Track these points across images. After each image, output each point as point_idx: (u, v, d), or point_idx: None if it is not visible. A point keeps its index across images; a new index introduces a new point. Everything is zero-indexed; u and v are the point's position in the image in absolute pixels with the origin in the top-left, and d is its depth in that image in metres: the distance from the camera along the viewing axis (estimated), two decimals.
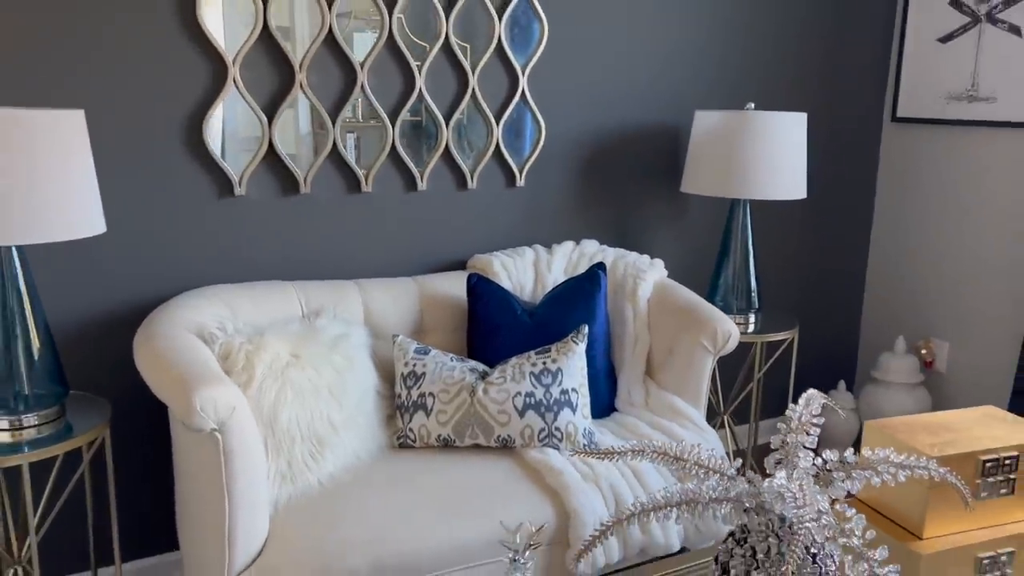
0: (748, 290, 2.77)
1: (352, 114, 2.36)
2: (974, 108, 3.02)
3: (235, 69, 2.17)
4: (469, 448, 2.15)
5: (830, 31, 3.13)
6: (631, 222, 2.88)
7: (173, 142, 2.15)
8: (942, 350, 3.24)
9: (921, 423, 1.53)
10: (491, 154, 2.58)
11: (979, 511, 1.46)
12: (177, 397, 1.67)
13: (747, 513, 1.25)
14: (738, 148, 2.55)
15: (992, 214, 3.03)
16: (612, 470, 2.07)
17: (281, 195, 2.32)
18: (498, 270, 2.49)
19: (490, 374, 2.16)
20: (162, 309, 2.01)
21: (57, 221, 1.69)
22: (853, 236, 3.41)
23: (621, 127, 2.79)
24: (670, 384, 2.40)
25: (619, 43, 2.73)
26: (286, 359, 1.98)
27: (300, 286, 2.25)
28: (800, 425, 1.34)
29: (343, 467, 2.02)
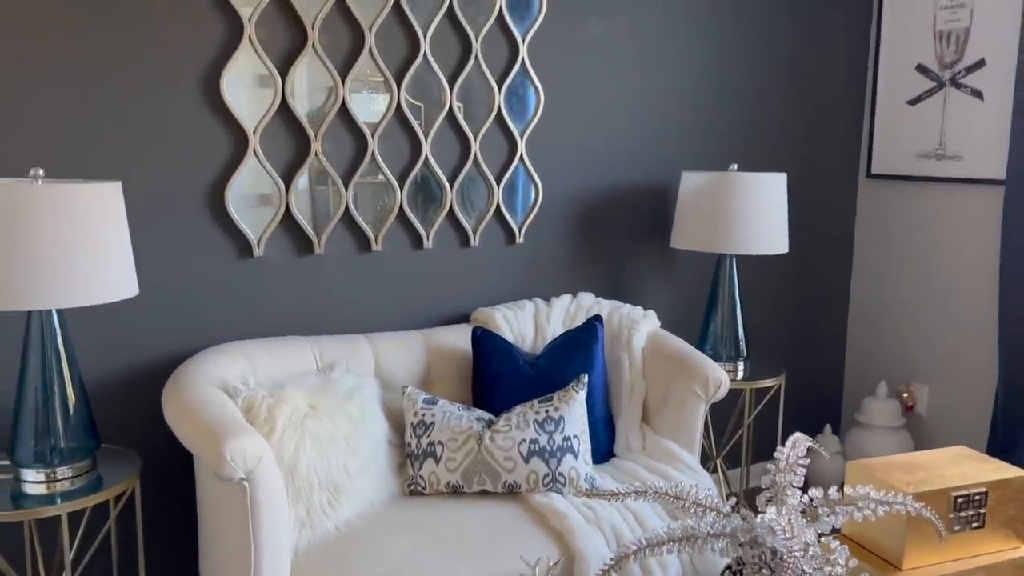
0: (736, 339, 2.92)
1: (363, 178, 2.52)
2: (942, 166, 3.22)
3: (255, 139, 2.33)
4: (477, 494, 2.27)
5: (807, 95, 3.34)
6: (624, 276, 3.04)
7: (197, 208, 2.30)
8: (922, 394, 3.39)
9: (898, 463, 1.66)
10: (492, 213, 2.75)
11: (953, 543, 1.59)
12: (208, 448, 1.79)
13: (742, 547, 1.37)
14: (723, 206, 2.73)
15: (963, 264, 3.21)
16: (613, 513, 2.19)
17: (297, 256, 2.46)
18: (500, 323, 2.63)
19: (496, 422, 2.29)
20: (187, 365, 2.13)
21: (95, 286, 1.81)
22: (834, 286, 3.59)
23: (613, 187, 2.96)
24: (665, 430, 2.53)
25: (610, 109, 2.92)
26: (304, 410, 2.10)
27: (315, 341, 2.38)
28: (788, 466, 1.48)
29: (358, 513, 2.12)
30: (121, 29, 2.14)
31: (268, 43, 2.32)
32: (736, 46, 3.14)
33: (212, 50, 2.26)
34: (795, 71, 3.30)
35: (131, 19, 2.15)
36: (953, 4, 3.14)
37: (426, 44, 2.53)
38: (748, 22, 3.15)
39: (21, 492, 1.89)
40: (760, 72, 3.22)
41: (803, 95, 3.34)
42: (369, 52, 2.45)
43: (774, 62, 3.24)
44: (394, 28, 2.49)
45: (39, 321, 1.90)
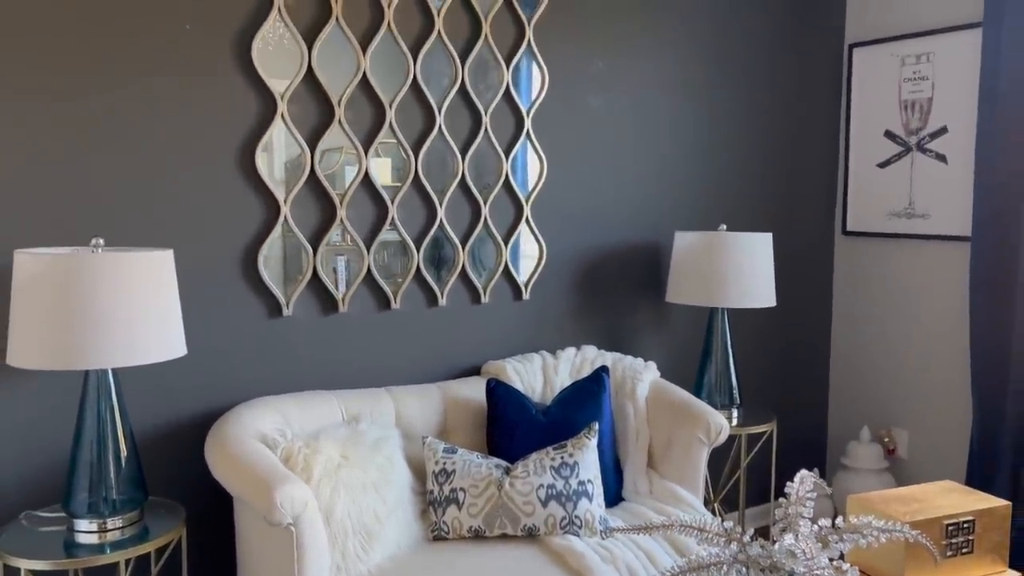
0: (730, 387, 3.11)
1: (383, 238, 2.69)
2: (912, 223, 3.48)
3: (286, 208, 2.50)
4: (498, 537, 2.40)
5: (786, 160, 3.61)
6: (623, 328, 3.23)
7: (232, 272, 2.45)
8: (902, 437, 3.59)
9: (893, 495, 1.84)
10: (500, 272, 2.93)
11: (946, 567, 1.76)
12: (260, 495, 1.91)
13: (764, 572, 1.53)
14: (714, 263, 2.94)
15: (935, 314, 3.45)
16: (627, 552, 2.33)
17: (322, 315, 2.62)
18: (511, 375, 2.79)
19: (513, 469, 2.43)
20: (226, 419, 2.26)
21: (149, 346, 1.95)
22: (816, 337, 3.80)
23: (612, 246, 3.17)
24: (670, 474, 2.69)
25: (608, 175, 3.14)
26: (337, 460, 2.23)
27: (340, 395, 2.52)
28: (798, 499, 1.65)
29: (388, 557, 2.24)
30: (168, 106, 2.32)
31: (299, 118, 2.51)
32: (723, 117, 3.40)
33: (248, 125, 2.44)
34: (775, 139, 3.57)
35: (176, 99, 2.33)
36: (916, 76, 3.44)
37: (441, 118, 2.74)
38: (733, 94, 3.42)
39: (74, 542, 1.99)
40: (744, 140, 3.47)
41: (783, 160, 3.60)
42: (390, 126, 2.65)
43: (757, 131, 3.50)
44: (412, 104, 2.70)
45: (96, 380, 2.03)
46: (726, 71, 3.40)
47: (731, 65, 3.41)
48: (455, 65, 2.76)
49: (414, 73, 2.67)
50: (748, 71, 3.46)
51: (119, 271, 1.90)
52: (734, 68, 3.42)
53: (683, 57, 3.28)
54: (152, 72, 2.29)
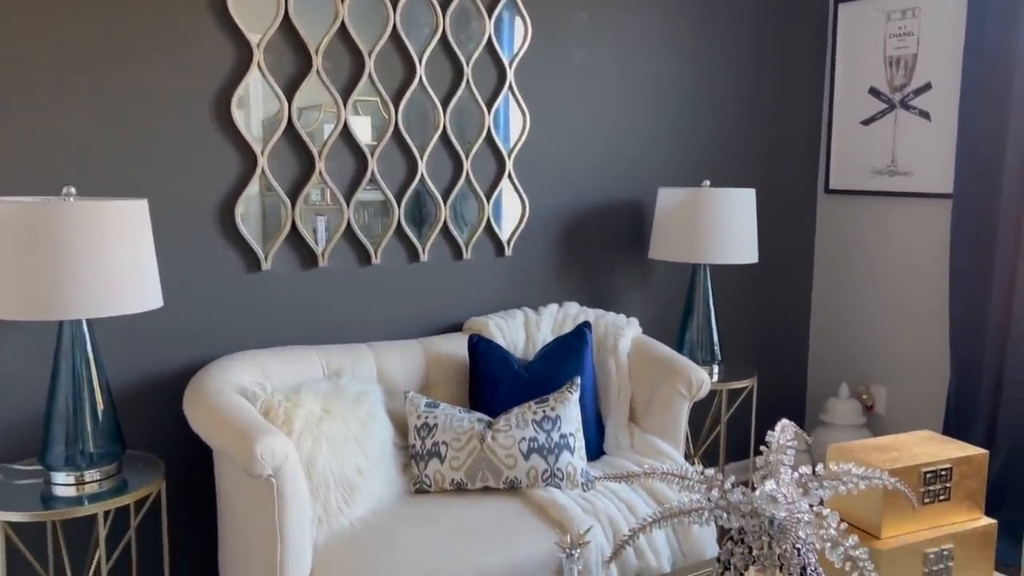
0: (711, 344, 3.11)
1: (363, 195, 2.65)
2: (895, 181, 3.48)
3: (263, 160, 2.45)
4: (480, 490, 2.40)
5: (770, 117, 3.58)
6: (606, 285, 3.22)
7: (210, 225, 2.41)
8: (880, 394, 3.63)
9: (872, 444, 1.85)
10: (483, 228, 2.90)
11: (924, 514, 1.78)
12: (240, 447, 1.90)
13: (744, 517, 1.54)
14: (697, 220, 2.92)
15: (915, 271, 3.47)
16: (609, 505, 2.34)
17: (301, 269, 2.58)
18: (493, 331, 2.78)
19: (496, 423, 2.43)
20: (205, 372, 2.24)
21: (124, 297, 1.92)
22: (797, 294, 3.82)
23: (595, 203, 3.15)
24: (652, 428, 2.70)
25: (592, 130, 3.11)
26: (319, 414, 2.22)
27: (321, 350, 2.50)
28: (779, 447, 1.65)
29: (370, 511, 2.24)
30: (141, 56, 2.25)
31: (275, 67, 2.45)
32: (707, 73, 3.37)
33: (223, 75, 2.38)
34: (760, 95, 3.54)
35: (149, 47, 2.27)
36: (901, 32, 3.42)
37: (421, 69, 2.69)
38: (718, 51, 3.38)
39: (51, 495, 1.97)
40: (729, 96, 3.44)
41: (767, 117, 3.57)
42: (369, 77, 2.59)
43: (741, 87, 3.47)
44: (392, 54, 2.64)
45: (70, 331, 1.99)
46: (711, 26, 3.36)
47: (716, 20, 3.37)
48: (436, 14, 2.70)
49: (394, 22, 2.61)
50: (733, 26, 3.42)
51: (92, 220, 1.86)
52: (719, 23, 3.38)
53: (668, 11, 3.23)
54: (125, 20, 2.23)
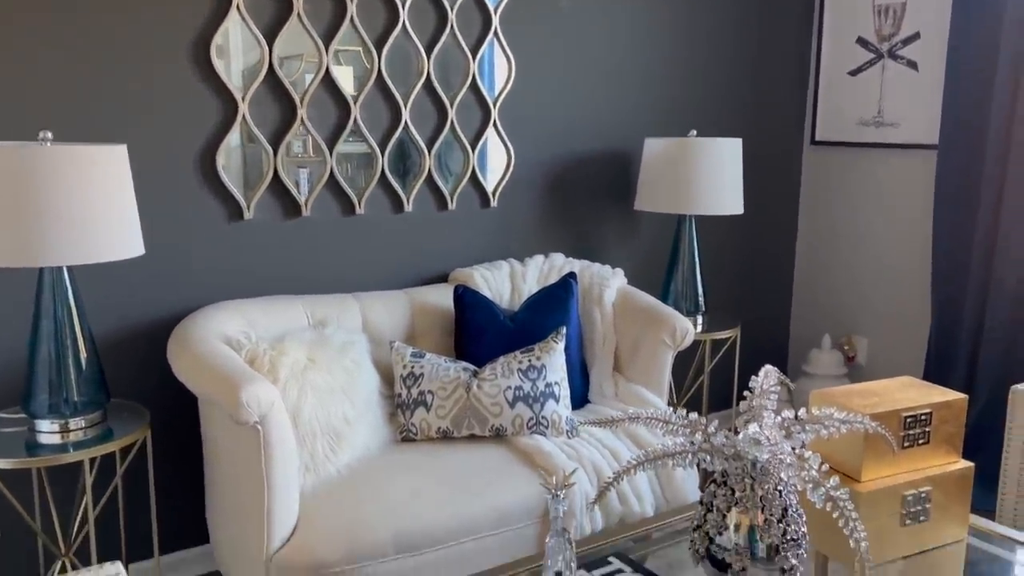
0: (695, 295, 3.13)
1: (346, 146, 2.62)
2: (881, 132, 3.47)
3: (244, 107, 2.41)
4: (466, 438, 2.42)
5: (756, 65, 3.55)
6: (591, 237, 3.22)
7: (190, 172, 2.37)
8: (862, 345, 3.67)
9: (854, 390, 1.87)
10: (468, 178, 2.88)
11: (903, 458, 1.81)
12: (225, 394, 1.89)
13: (728, 460, 1.56)
14: (683, 170, 2.91)
15: (899, 224, 3.48)
16: (593, 451, 2.37)
17: (285, 218, 2.56)
18: (479, 281, 2.77)
19: (481, 372, 2.44)
20: (188, 322, 2.22)
21: (105, 244, 1.89)
22: (781, 246, 3.83)
23: (580, 153, 3.12)
24: (636, 377, 2.72)
25: (578, 79, 3.07)
26: (304, 363, 2.21)
27: (305, 300, 2.48)
28: (762, 392, 1.67)
29: (357, 458, 2.26)
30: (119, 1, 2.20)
31: (255, 11, 2.39)
32: (695, 22, 3.32)
33: (202, 19, 2.32)
34: (747, 45, 3.50)
35: None
36: None
37: (405, 13, 2.64)
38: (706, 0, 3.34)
39: (36, 442, 1.97)
40: (716, 45, 3.40)
41: (755, 67, 3.54)
42: (351, 21, 2.54)
43: (729, 37, 3.43)
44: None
45: (51, 279, 1.97)
46: None
47: None
48: None
49: None
50: None
51: (70, 165, 1.83)
52: None
53: None
54: None
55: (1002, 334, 3.03)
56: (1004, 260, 2.99)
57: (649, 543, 1.87)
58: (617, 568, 1.64)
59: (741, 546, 1.54)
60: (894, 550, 1.79)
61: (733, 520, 1.56)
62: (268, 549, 1.97)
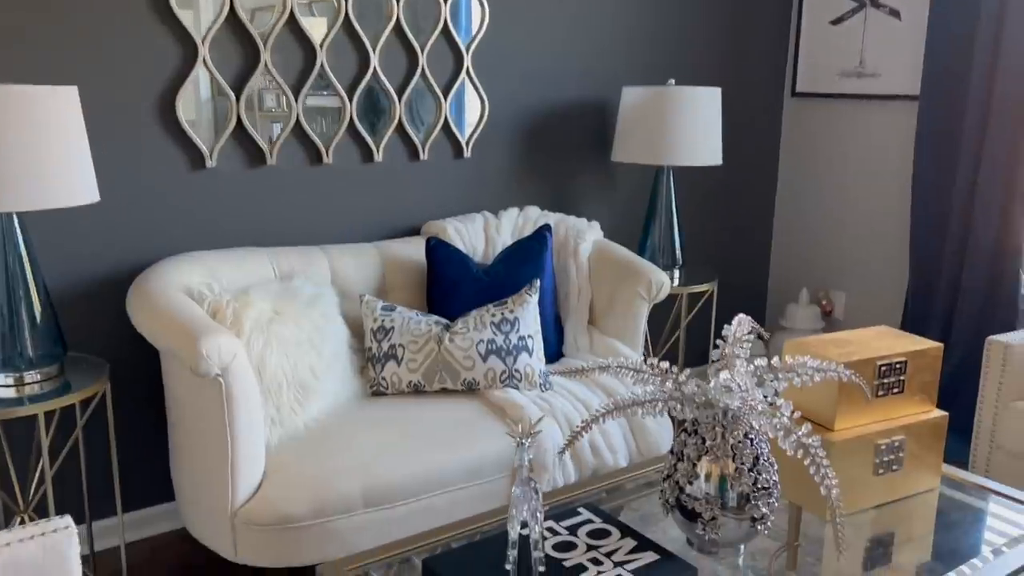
0: (672, 248, 3.08)
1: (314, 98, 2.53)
2: (862, 83, 3.42)
3: (204, 49, 2.31)
4: (438, 392, 2.38)
5: (736, 14, 3.47)
6: (568, 189, 3.15)
7: (149, 118, 2.28)
8: (839, 300, 3.65)
9: (830, 339, 1.84)
10: (440, 127, 2.80)
11: (877, 407, 1.78)
12: (185, 345, 1.84)
13: (699, 408, 1.53)
14: (661, 120, 2.85)
15: (879, 177, 3.44)
16: (566, 404, 2.34)
17: (249, 167, 2.47)
18: (452, 234, 2.71)
19: (453, 325, 2.39)
20: (150, 272, 2.15)
21: (56, 189, 1.81)
22: (761, 199, 3.78)
23: (557, 103, 3.05)
24: (611, 330, 2.68)
25: (554, 26, 2.98)
26: (269, 315, 2.15)
27: (271, 252, 2.42)
28: (735, 340, 1.63)
29: (326, 411, 2.21)
30: None
31: None
32: None
33: None
34: None
35: None
36: None
37: None
38: None
39: None
40: None
41: (735, 15, 3.46)
42: None
43: None
44: None
45: (0, 226, 1.89)
46: None
47: None
48: None
49: None
50: None
51: (17, 106, 1.74)
52: None
53: None
54: None
55: (979, 286, 3.02)
56: (983, 212, 2.96)
57: (622, 494, 1.85)
58: (586, 518, 1.61)
59: (711, 495, 1.51)
60: (867, 499, 1.77)
61: (703, 469, 1.53)
62: (233, 504, 1.93)
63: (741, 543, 1.56)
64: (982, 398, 2.50)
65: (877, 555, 1.65)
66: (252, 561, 1.95)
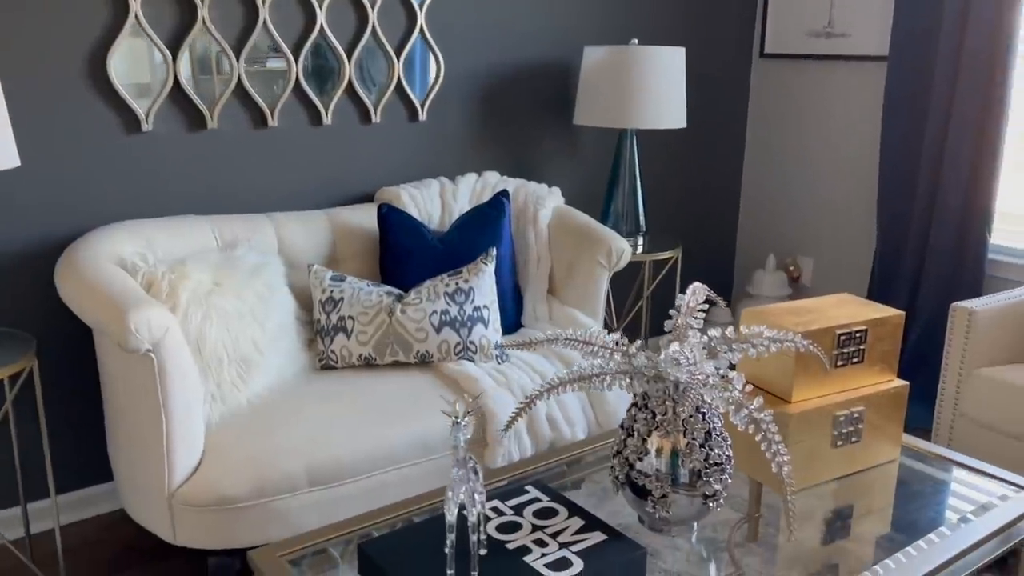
0: (636, 215, 3.00)
1: (255, 49, 2.40)
2: (831, 43, 3.33)
3: (136, 4, 2.18)
4: (390, 365, 2.30)
5: None
6: (529, 154, 3.05)
7: (78, 78, 2.15)
8: (807, 266, 3.60)
9: (788, 308, 1.78)
10: (393, 89, 2.68)
11: (836, 377, 1.72)
12: (112, 320, 1.73)
13: (647, 382, 1.45)
14: (624, 81, 2.75)
15: (847, 140, 3.37)
16: (522, 376, 2.26)
17: (188, 130, 2.35)
18: (406, 201, 2.61)
19: (406, 296, 2.30)
20: (81, 242, 2.04)
21: None
22: (728, 164, 3.70)
23: (516, 64, 2.93)
24: (571, 300, 2.61)
25: None
26: (208, 286, 2.05)
27: (213, 220, 2.30)
28: (688, 310, 1.56)
29: (270, 387, 2.12)
30: None
31: None
32: None
33: None
34: None
35: None
36: None
37: None
38: None
39: None
40: None
41: None
42: None
43: None
44: None
45: None
46: None
47: None
48: None
49: None
50: None
51: None
52: None
53: None
54: None
55: (947, 247, 2.97)
56: (952, 170, 2.90)
57: (582, 467, 1.80)
58: (533, 497, 1.54)
59: (662, 472, 1.45)
60: (826, 472, 1.72)
61: (654, 445, 1.46)
62: (170, 485, 1.85)
63: (694, 521, 1.50)
64: (946, 365, 2.46)
65: (836, 528, 1.60)
66: (192, 543, 1.87)
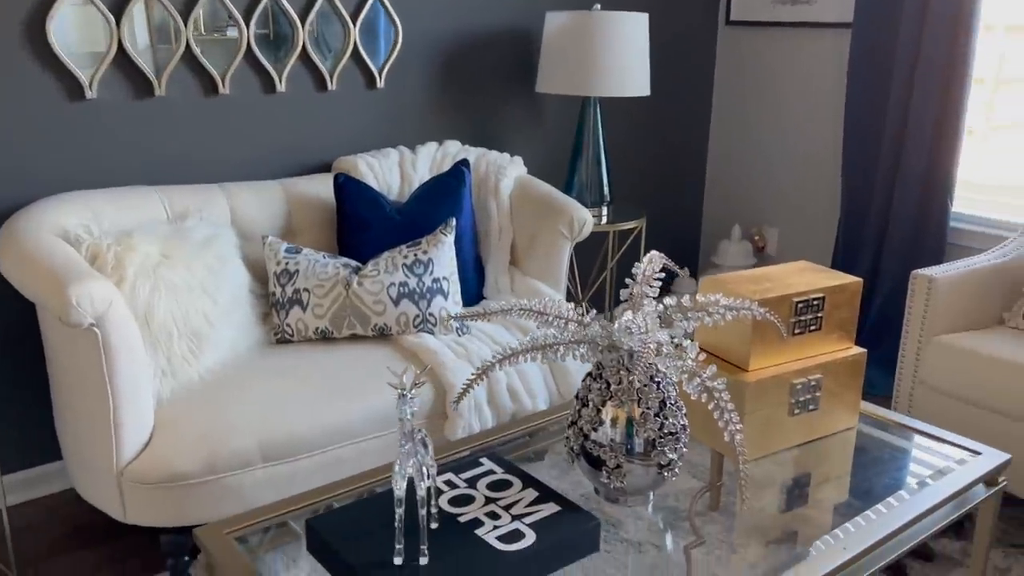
0: (600, 184, 2.97)
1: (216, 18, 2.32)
2: (796, 11, 3.30)
3: None
4: (347, 338, 2.25)
5: None
6: (490, 123, 3.00)
7: (15, 43, 2.06)
8: (772, 236, 3.60)
9: (747, 276, 1.76)
10: (349, 55, 2.61)
11: (793, 345, 1.71)
12: (52, 293, 1.67)
13: (601, 352, 1.43)
14: (587, 46, 2.70)
15: (813, 109, 3.35)
16: (483, 348, 2.24)
17: (135, 98, 2.27)
18: (364, 171, 2.55)
19: (363, 268, 2.25)
20: (22, 214, 1.97)
21: None
22: (693, 133, 3.68)
23: (477, 29, 2.87)
24: (533, 271, 2.58)
25: None
26: (157, 259, 1.99)
27: (163, 190, 2.24)
28: (644, 279, 1.53)
29: (223, 361, 2.07)
30: None
31: None
32: None
33: None
34: None
35: None
36: None
37: None
38: None
39: None
40: None
41: None
42: None
43: None
44: None
45: None
46: None
47: None
48: None
49: None
50: None
51: None
52: None
53: None
54: None
55: (910, 212, 2.97)
56: (916, 132, 2.89)
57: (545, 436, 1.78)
58: (488, 469, 1.52)
59: (616, 442, 1.43)
60: (783, 440, 1.72)
61: (608, 415, 1.44)
62: (119, 462, 1.80)
63: (649, 491, 1.49)
64: (906, 333, 2.47)
65: (795, 495, 1.59)
66: (143, 521, 1.83)
